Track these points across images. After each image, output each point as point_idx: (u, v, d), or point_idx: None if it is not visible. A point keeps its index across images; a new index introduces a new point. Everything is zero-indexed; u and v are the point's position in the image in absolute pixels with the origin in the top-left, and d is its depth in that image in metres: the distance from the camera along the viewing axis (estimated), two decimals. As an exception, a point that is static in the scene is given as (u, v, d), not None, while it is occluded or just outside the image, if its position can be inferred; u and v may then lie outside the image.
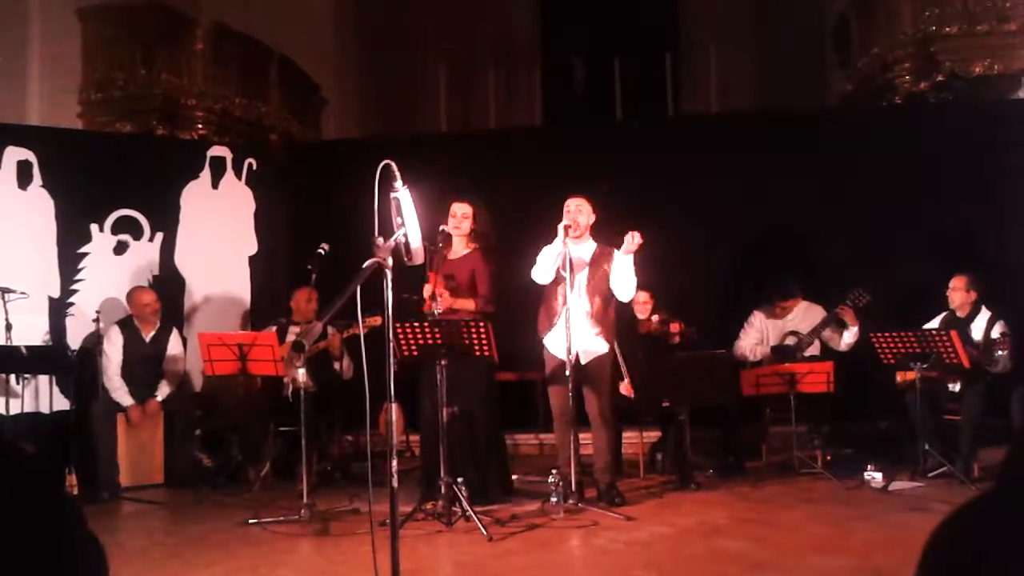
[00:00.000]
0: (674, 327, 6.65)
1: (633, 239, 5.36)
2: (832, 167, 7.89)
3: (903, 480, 5.83)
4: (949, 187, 7.61)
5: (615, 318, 5.76)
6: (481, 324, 5.14)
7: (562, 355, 5.42)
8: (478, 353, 5.15)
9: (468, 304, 5.59)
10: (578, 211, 5.57)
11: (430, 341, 5.13)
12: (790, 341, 6.79)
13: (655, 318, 6.77)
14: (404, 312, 5.10)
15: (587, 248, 5.64)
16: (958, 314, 6.44)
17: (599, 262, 5.62)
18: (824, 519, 5.13)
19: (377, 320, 4.27)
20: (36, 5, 8.55)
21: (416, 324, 5.17)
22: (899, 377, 6.31)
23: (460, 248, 5.80)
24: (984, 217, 7.53)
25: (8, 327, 6.43)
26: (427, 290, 5.55)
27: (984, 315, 6.37)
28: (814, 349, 6.77)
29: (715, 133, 8.54)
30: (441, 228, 5.67)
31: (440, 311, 5.39)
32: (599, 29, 12.82)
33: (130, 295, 6.97)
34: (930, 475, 5.81)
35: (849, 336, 6.61)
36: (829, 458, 6.45)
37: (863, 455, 6.33)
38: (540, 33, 13.67)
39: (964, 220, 7.49)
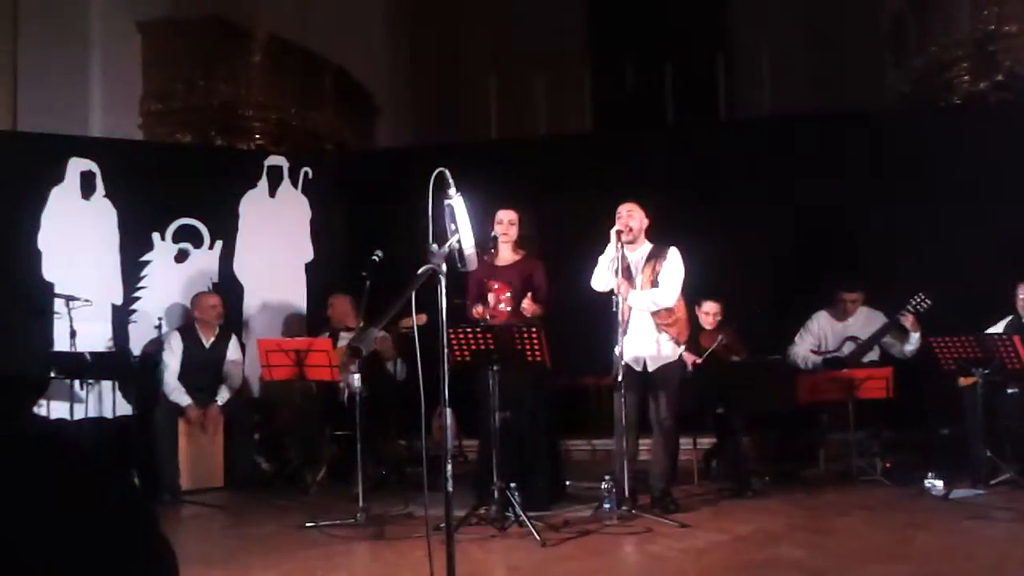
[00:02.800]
0: (734, 360, 6.54)
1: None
2: (890, 169, 7.77)
3: (964, 487, 5.72)
4: (1010, 188, 7.44)
5: (687, 317, 5.73)
6: (534, 330, 5.15)
7: (627, 360, 5.41)
8: (530, 359, 5.16)
9: (537, 309, 5.62)
10: (630, 216, 5.55)
11: (483, 347, 5.16)
12: (848, 347, 6.69)
13: (720, 337, 6.64)
14: (457, 318, 5.15)
15: (643, 252, 5.63)
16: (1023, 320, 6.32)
17: (652, 263, 5.60)
18: (883, 527, 5.06)
19: (422, 318, 4.31)
20: (97, 19, 8.75)
21: (468, 329, 5.20)
22: (962, 381, 6.19)
23: (508, 254, 5.82)
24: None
25: (72, 334, 6.61)
26: (493, 299, 5.58)
27: None
28: (873, 355, 6.67)
29: (768, 135, 8.46)
30: (493, 234, 5.70)
31: (529, 315, 5.46)
32: (649, 32, 12.76)
33: (196, 299, 7.13)
34: (991, 483, 5.69)
35: (911, 343, 6.50)
36: (888, 465, 6.33)
37: (923, 462, 6.21)
38: (589, 37, 13.64)
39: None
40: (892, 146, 7.86)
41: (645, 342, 5.50)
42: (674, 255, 5.59)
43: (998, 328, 6.31)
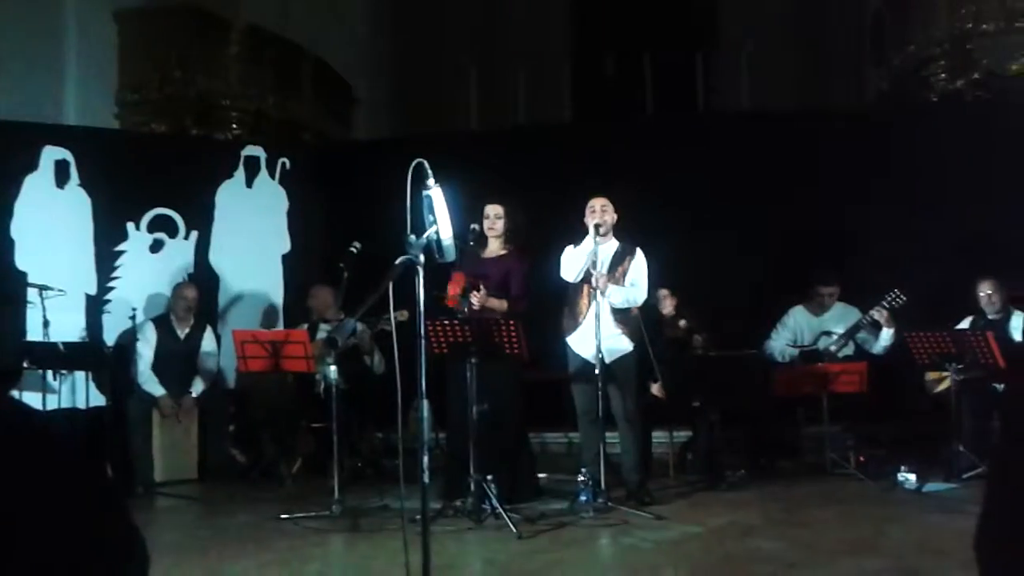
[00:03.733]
0: (697, 339, 6.62)
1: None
2: (867, 166, 7.81)
3: (937, 481, 5.77)
4: (985, 186, 7.50)
5: (641, 317, 5.75)
6: (512, 323, 5.15)
7: (586, 354, 5.43)
8: (508, 352, 5.16)
9: (501, 304, 5.61)
10: (604, 211, 5.57)
11: (460, 339, 5.15)
12: (823, 341, 6.74)
13: (682, 323, 6.72)
14: (434, 309, 5.13)
15: (611, 247, 5.65)
16: (988, 316, 6.38)
17: (620, 261, 5.62)
18: (857, 520, 5.09)
19: (404, 314, 4.29)
20: (73, 7, 8.66)
21: (447, 322, 5.19)
22: (930, 376, 6.24)
23: (496, 248, 5.83)
24: (1022, 217, 7.41)
25: (46, 324, 6.54)
26: (452, 287, 5.58)
27: (1019, 316, 6.34)
28: (848, 350, 6.72)
29: (747, 131, 8.48)
30: (472, 226, 5.69)
31: (477, 307, 5.43)
32: (629, 25, 12.78)
33: (176, 288, 7.07)
34: (964, 476, 5.75)
35: (885, 339, 6.55)
36: (862, 459, 6.38)
37: (896, 456, 6.26)
38: (570, 30, 13.65)
39: (1001, 220, 7.38)
40: (870, 143, 7.90)
41: (603, 335, 5.47)
42: (641, 256, 5.64)
43: (963, 326, 6.38)
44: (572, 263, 5.54)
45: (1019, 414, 1.44)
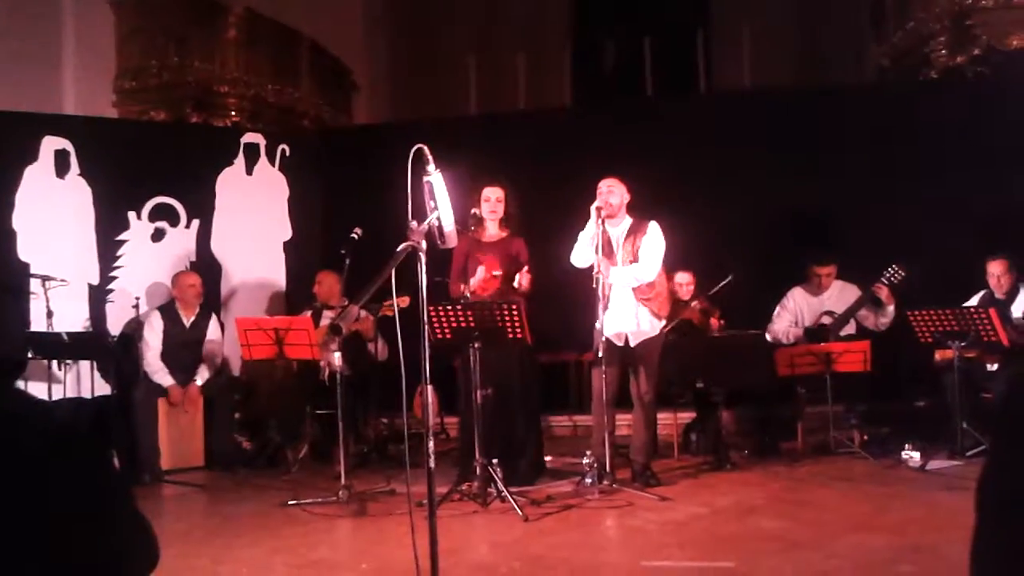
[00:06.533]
0: (713, 321, 6.67)
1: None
2: (867, 144, 7.79)
3: (941, 459, 5.79)
4: (987, 162, 7.47)
5: (668, 291, 5.76)
6: (514, 306, 5.14)
7: (608, 335, 5.42)
8: (511, 335, 5.16)
9: (528, 285, 5.62)
10: (610, 192, 5.56)
11: (463, 324, 5.16)
12: (825, 320, 6.74)
13: (695, 304, 6.76)
14: (441, 295, 5.14)
15: (624, 227, 5.64)
16: (996, 296, 6.38)
17: (632, 237, 5.61)
18: (861, 498, 5.11)
19: (405, 300, 4.28)
20: (70, -5, 8.64)
21: (449, 307, 5.19)
22: (937, 356, 6.24)
23: (495, 231, 5.82)
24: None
25: (49, 314, 6.56)
26: (481, 272, 5.57)
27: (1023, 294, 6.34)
28: (850, 328, 6.72)
29: (747, 110, 8.46)
30: (473, 211, 5.68)
31: (524, 289, 5.47)
32: (629, 8, 12.70)
33: (175, 278, 7.09)
34: (968, 454, 5.76)
35: (886, 315, 6.55)
36: (866, 438, 6.40)
37: (900, 434, 6.28)
38: (569, 13, 13.57)
39: (1005, 196, 7.36)
40: (870, 120, 7.87)
41: (626, 317, 5.52)
42: (654, 229, 5.61)
43: (972, 303, 6.37)
44: (578, 250, 5.53)
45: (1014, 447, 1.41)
